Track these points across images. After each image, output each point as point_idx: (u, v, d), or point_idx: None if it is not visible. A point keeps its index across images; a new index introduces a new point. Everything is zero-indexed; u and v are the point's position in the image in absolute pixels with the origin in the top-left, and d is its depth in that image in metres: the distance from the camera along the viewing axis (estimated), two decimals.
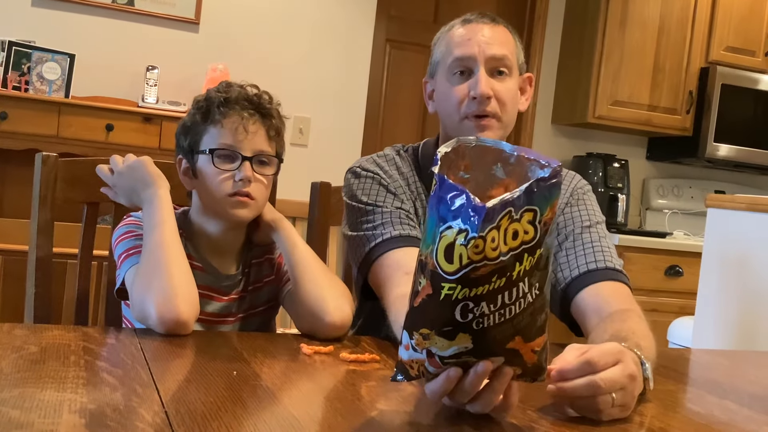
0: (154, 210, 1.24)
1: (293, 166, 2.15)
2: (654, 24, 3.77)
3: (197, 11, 3.36)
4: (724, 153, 3.86)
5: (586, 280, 1.30)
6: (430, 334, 0.75)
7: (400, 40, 3.79)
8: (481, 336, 0.74)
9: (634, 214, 4.14)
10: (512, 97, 1.35)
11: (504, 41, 1.34)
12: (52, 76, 2.99)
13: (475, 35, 1.33)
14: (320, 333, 1.21)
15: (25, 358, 0.92)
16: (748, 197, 2.31)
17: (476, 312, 0.72)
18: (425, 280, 0.73)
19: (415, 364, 0.80)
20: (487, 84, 1.31)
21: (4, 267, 2.68)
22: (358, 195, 1.38)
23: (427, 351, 0.77)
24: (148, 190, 1.27)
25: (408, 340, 0.79)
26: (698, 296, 2.39)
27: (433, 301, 0.73)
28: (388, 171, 1.40)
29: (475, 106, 1.31)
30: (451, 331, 0.74)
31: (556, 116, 3.97)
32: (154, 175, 1.30)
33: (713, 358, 1.53)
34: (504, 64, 1.33)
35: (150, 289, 1.13)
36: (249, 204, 1.28)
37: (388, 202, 1.35)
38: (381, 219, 1.33)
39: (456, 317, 0.73)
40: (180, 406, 0.80)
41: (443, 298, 0.72)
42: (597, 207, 1.43)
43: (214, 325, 1.33)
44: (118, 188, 1.33)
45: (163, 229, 1.21)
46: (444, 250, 0.70)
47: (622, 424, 0.89)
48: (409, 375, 0.82)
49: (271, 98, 1.32)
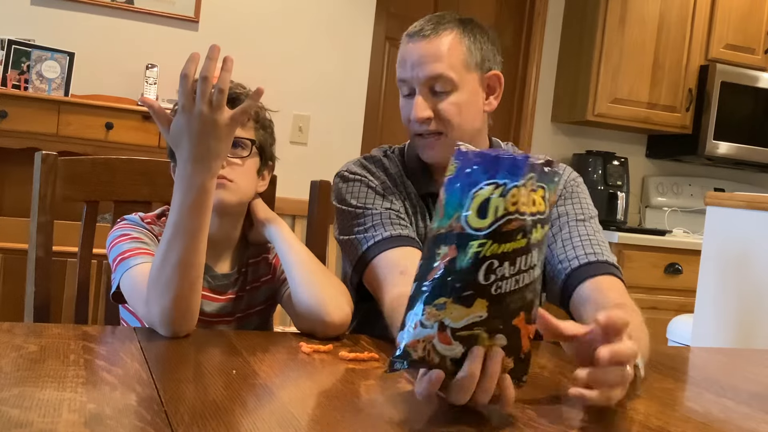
0: (196, 204, 1.09)
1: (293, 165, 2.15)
2: (653, 21, 3.77)
3: (197, 9, 3.35)
4: (724, 151, 3.86)
5: (586, 272, 1.31)
6: (447, 302, 0.78)
7: (399, 37, 3.78)
8: (496, 303, 0.78)
9: (633, 212, 4.14)
10: (457, 113, 1.33)
11: (442, 55, 1.31)
12: (52, 75, 2.99)
13: (410, 56, 1.33)
14: (320, 332, 1.21)
15: (24, 357, 0.92)
16: (748, 195, 2.31)
17: (498, 273, 0.77)
18: (447, 248, 0.77)
19: (421, 344, 0.79)
20: (423, 107, 1.32)
21: (4, 266, 2.68)
22: (347, 199, 1.38)
23: (439, 324, 0.78)
24: (201, 175, 1.09)
25: (416, 318, 0.79)
26: (697, 294, 2.39)
27: (458, 265, 0.77)
28: (375, 173, 1.41)
29: (417, 126, 1.34)
30: (470, 296, 0.77)
31: (556, 114, 3.97)
32: (221, 154, 1.10)
33: (712, 356, 1.53)
34: (442, 81, 1.31)
35: (165, 296, 1.09)
36: (227, 185, 1.27)
37: (377, 203, 1.36)
38: (372, 221, 1.34)
39: (479, 278, 0.77)
40: (179, 404, 0.80)
41: (470, 257, 0.76)
42: (590, 199, 1.44)
43: (211, 325, 1.33)
44: (178, 126, 1.08)
45: (201, 239, 1.11)
46: (478, 208, 0.76)
47: (622, 422, 0.90)
48: (410, 359, 0.80)
49: (245, 87, 1.31)
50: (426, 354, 0.80)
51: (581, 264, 1.31)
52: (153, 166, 1.53)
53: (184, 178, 1.09)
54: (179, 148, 1.08)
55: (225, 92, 1.04)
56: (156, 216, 1.34)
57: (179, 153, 1.09)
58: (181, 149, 1.08)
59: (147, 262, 1.19)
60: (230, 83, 1.26)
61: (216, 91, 1.04)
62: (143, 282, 1.14)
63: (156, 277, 1.11)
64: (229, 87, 1.07)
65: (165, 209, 1.34)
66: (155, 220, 1.33)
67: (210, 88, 1.04)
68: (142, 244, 1.25)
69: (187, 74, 1.03)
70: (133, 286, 1.19)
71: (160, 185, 1.51)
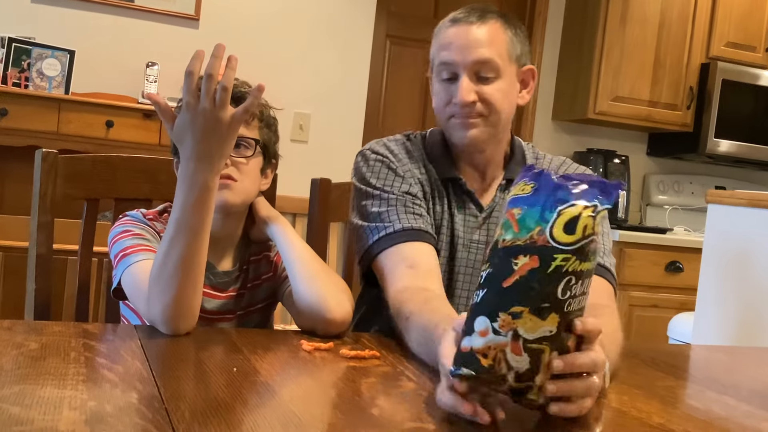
0: (199, 202, 1.10)
1: (293, 163, 2.15)
2: (654, 20, 3.76)
3: (197, 7, 3.35)
4: (725, 149, 3.86)
5: None
6: (523, 311, 0.78)
7: (400, 36, 3.79)
8: (564, 320, 0.79)
9: (634, 210, 4.14)
10: (500, 98, 1.34)
11: (490, 41, 1.32)
12: (52, 73, 2.99)
13: (458, 39, 1.33)
14: (321, 330, 1.20)
15: (25, 355, 0.92)
16: (749, 193, 2.31)
17: (572, 291, 0.78)
18: (527, 258, 0.79)
19: (491, 351, 0.78)
20: (468, 91, 1.32)
21: (5, 264, 2.68)
22: (366, 177, 1.39)
23: (513, 333, 0.78)
24: (204, 173, 1.09)
25: (487, 324, 0.79)
26: (698, 292, 2.39)
27: (539, 275, 0.78)
28: (397, 154, 1.41)
29: (458, 110, 1.34)
30: (546, 309, 0.78)
31: (557, 112, 3.96)
32: (225, 152, 1.10)
33: (713, 354, 1.53)
34: (489, 67, 1.32)
35: (166, 293, 1.09)
36: (231, 185, 1.27)
37: (396, 186, 1.36)
38: (387, 206, 1.34)
39: (557, 293, 0.78)
40: (180, 402, 0.80)
41: (553, 270, 0.78)
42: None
43: (212, 322, 1.33)
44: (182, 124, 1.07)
45: (203, 238, 1.12)
46: (565, 224, 0.79)
47: (623, 421, 0.89)
48: (478, 365, 0.78)
49: (249, 86, 1.30)
50: (496, 362, 0.78)
51: None
52: (154, 163, 1.53)
53: (187, 176, 1.09)
54: (183, 146, 1.08)
55: (229, 90, 1.04)
56: (158, 212, 1.34)
57: (183, 150, 1.08)
58: (185, 147, 1.08)
59: (148, 259, 1.19)
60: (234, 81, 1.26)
61: (220, 89, 1.04)
62: (144, 279, 1.14)
63: (157, 274, 1.11)
64: (233, 85, 1.06)
65: (167, 206, 1.34)
66: (157, 216, 1.33)
67: (215, 85, 1.04)
68: (144, 241, 1.25)
69: (192, 71, 1.03)
70: (134, 283, 1.19)
71: (160, 183, 1.51)
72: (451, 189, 1.42)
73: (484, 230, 1.41)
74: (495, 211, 1.42)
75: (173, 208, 1.11)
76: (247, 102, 1.07)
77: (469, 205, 1.42)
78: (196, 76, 1.04)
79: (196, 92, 1.04)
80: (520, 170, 1.39)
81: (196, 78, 1.04)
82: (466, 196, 1.41)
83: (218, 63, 1.03)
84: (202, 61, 1.04)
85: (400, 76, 3.81)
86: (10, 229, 2.81)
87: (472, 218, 1.41)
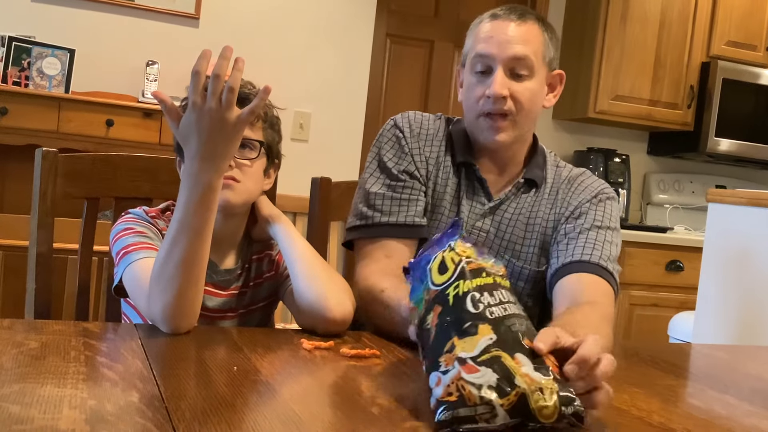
0: (202, 201, 1.09)
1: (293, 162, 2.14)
2: (655, 18, 3.76)
3: (197, 6, 3.35)
4: (725, 148, 3.86)
5: (574, 268, 1.32)
6: (454, 340, 0.80)
7: (400, 34, 3.79)
8: (499, 325, 0.80)
9: (634, 209, 4.14)
10: (530, 98, 1.36)
11: (528, 40, 1.35)
12: (52, 72, 2.99)
13: (497, 34, 1.35)
14: (321, 328, 1.20)
15: (25, 354, 0.92)
16: (749, 192, 2.31)
17: (484, 302, 0.82)
18: (433, 311, 0.85)
19: (451, 386, 0.77)
20: (502, 85, 1.33)
21: (5, 262, 2.68)
22: (379, 145, 1.45)
23: (458, 360, 0.78)
24: (208, 173, 1.08)
25: (436, 374, 0.79)
26: (699, 291, 2.39)
27: (446, 313, 0.83)
28: (414, 130, 1.45)
29: (490, 105, 1.35)
30: (471, 326, 0.80)
31: (557, 111, 3.96)
32: (229, 153, 1.10)
33: (714, 352, 1.53)
34: (524, 64, 1.34)
35: (167, 292, 1.09)
36: (234, 186, 1.27)
37: (396, 163, 1.41)
38: (385, 189, 1.39)
39: (469, 309, 0.81)
40: (180, 401, 0.80)
41: (453, 301, 0.83)
42: (616, 214, 1.44)
43: (214, 320, 1.33)
44: (188, 123, 1.07)
45: (205, 238, 1.12)
46: (437, 268, 0.87)
47: (624, 420, 0.89)
48: (448, 406, 0.76)
49: (254, 86, 1.31)
50: (461, 391, 0.76)
51: (574, 260, 1.33)
52: (154, 162, 1.53)
53: (191, 176, 1.09)
54: (187, 145, 1.08)
55: (236, 91, 1.04)
56: (160, 210, 1.34)
57: (187, 150, 1.08)
58: (189, 146, 1.08)
59: (150, 257, 1.19)
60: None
61: (226, 90, 1.04)
62: (146, 277, 1.14)
63: (159, 273, 1.11)
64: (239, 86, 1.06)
65: (170, 204, 1.34)
66: (159, 214, 1.33)
67: (221, 86, 1.04)
68: (146, 239, 1.25)
69: (199, 71, 1.03)
70: (136, 281, 1.19)
71: (161, 182, 1.51)
72: (464, 174, 1.43)
73: (489, 220, 1.42)
74: (504, 204, 1.42)
75: (176, 207, 1.11)
76: (254, 103, 1.07)
77: (479, 192, 1.43)
78: (203, 76, 1.04)
79: (203, 92, 1.04)
80: (539, 174, 1.41)
81: (203, 78, 1.04)
82: (478, 183, 1.43)
83: (226, 64, 1.03)
84: (209, 61, 1.04)
85: (401, 75, 3.80)
86: (10, 228, 2.81)
87: (479, 205, 1.42)
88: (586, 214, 1.40)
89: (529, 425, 0.76)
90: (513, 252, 1.41)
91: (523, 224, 1.42)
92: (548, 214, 1.43)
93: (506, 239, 1.42)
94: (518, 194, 1.43)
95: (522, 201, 1.43)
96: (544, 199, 1.44)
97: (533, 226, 1.42)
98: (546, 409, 0.75)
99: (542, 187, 1.45)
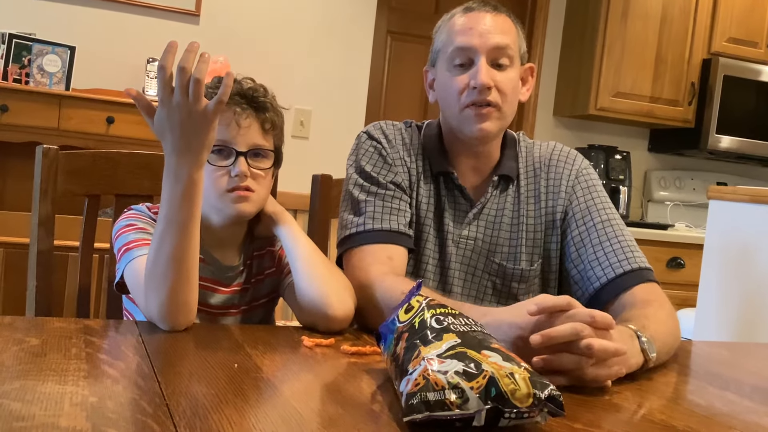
0: (185, 196, 1.09)
1: (294, 159, 2.14)
2: (656, 15, 3.76)
3: (197, 3, 3.35)
4: (726, 145, 3.86)
5: (622, 284, 1.32)
6: (420, 348, 0.82)
7: (401, 31, 3.79)
8: (462, 335, 0.83)
9: (635, 206, 4.14)
10: (513, 88, 1.36)
11: (506, 30, 1.35)
12: (53, 69, 2.99)
13: (476, 24, 1.34)
14: (322, 326, 1.20)
15: (26, 351, 0.92)
16: (750, 189, 2.31)
17: (447, 320, 0.86)
18: (401, 341, 0.88)
19: (419, 378, 0.76)
20: (487, 74, 1.32)
21: (6, 260, 2.68)
22: (359, 159, 1.42)
23: (425, 359, 0.78)
24: (187, 166, 1.08)
25: (406, 377, 0.79)
26: (700, 288, 2.39)
27: (412, 336, 0.87)
28: (391, 140, 1.43)
29: (475, 96, 1.33)
30: (436, 335, 0.84)
31: (558, 108, 3.96)
32: (206, 144, 1.09)
33: (714, 349, 1.53)
34: (505, 54, 1.34)
35: (161, 289, 1.10)
36: (249, 197, 1.27)
37: (382, 174, 1.39)
38: (372, 198, 1.37)
39: (434, 325, 0.86)
40: (181, 398, 0.80)
41: (419, 326, 0.87)
42: (604, 192, 1.44)
43: (216, 317, 1.33)
44: (160, 119, 1.07)
45: (192, 232, 1.11)
46: (403, 313, 0.92)
47: (625, 416, 0.89)
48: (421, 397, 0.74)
49: (266, 90, 1.31)
50: (427, 378, 0.75)
51: (617, 275, 1.32)
52: (154, 159, 1.53)
53: (170, 171, 1.09)
54: (164, 141, 1.08)
55: (202, 82, 1.04)
56: None
57: (165, 145, 1.09)
58: (166, 141, 1.08)
59: None
60: (241, 81, 1.26)
61: (193, 82, 1.03)
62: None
63: (150, 271, 1.11)
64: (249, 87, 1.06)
65: None
66: None
67: (187, 79, 1.03)
68: (147, 235, 1.25)
69: (164, 65, 1.03)
70: (136, 277, 1.19)
71: (161, 179, 1.50)
72: (443, 183, 1.42)
73: (474, 227, 1.41)
74: (486, 207, 1.42)
75: (161, 203, 1.11)
76: (220, 92, 1.06)
77: (460, 200, 1.42)
78: (169, 71, 1.03)
79: (170, 86, 1.04)
80: (512, 166, 1.41)
81: (169, 72, 1.03)
82: (457, 191, 1.42)
83: (192, 57, 1.03)
84: (175, 55, 1.03)
85: (401, 72, 3.80)
86: (11, 225, 2.81)
87: (462, 213, 1.41)
88: (588, 209, 1.39)
89: (505, 412, 0.73)
90: (503, 255, 1.41)
91: (508, 225, 1.42)
92: (533, 210, 1.42)
93: (494, 243, 1.41)
94: (498, 194, 1.43)
95: (502, 200, 1.42)
96: (524, 194, 1.43)
97: (518, 225, 1.41)
98: (518, 391, 0.73)
99: (519, 179, 1.44)
